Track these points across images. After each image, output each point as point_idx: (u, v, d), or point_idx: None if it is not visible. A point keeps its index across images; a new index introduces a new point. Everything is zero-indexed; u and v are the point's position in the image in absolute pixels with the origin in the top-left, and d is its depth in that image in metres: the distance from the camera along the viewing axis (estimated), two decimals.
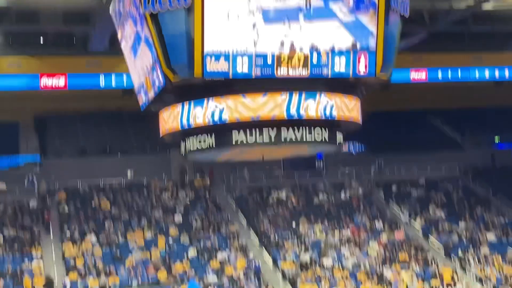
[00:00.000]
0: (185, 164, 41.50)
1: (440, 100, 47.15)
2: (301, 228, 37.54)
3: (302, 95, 19.19)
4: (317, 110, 19.30)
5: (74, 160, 41.62)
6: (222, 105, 19.17)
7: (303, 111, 19.16)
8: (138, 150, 43.48)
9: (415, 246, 36.62)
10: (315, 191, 42.16)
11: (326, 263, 34.25)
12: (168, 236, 35.66)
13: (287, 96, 19.10)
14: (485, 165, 45.87)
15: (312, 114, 19.27)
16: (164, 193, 39.96)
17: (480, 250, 36.37)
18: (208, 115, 19.27)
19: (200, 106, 19.42)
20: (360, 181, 43.77)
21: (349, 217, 39.30)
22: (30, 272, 31.90)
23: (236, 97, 19.15)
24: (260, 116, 19.09)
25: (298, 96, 19.16)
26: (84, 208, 37.89)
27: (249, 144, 19.72)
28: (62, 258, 33.78)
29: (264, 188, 41.83)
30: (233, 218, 38.75)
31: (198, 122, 19.46)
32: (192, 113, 19.53)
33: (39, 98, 39.99)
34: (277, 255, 34.83)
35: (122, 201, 38.79)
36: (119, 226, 36.26)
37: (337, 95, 19.77)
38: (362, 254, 35.31)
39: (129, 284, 31.71)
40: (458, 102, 47.55)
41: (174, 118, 20.19)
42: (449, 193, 42.99)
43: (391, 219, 39.77)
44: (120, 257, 33.63)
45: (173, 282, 31.77)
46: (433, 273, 33.70)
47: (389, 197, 42.28)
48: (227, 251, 34.71)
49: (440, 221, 39.39)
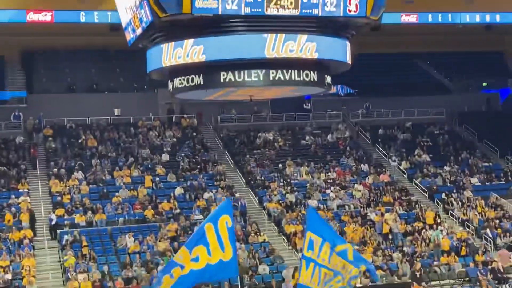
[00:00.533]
0: (173, 103, 41.41)
1: (429, 43, 46.99)
2: (287, 169, 37.79)
3: (285, 36, 19.01)
4: (298, 51, 19.13)
5: (60, 96, 41.34)
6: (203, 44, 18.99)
7: (284, 52, 18.99)
8: (125, 88, 43.26)
9: (399, 189, 37.03)
10: (302, 132, 42.31)
11: (311, 204, 34.60)
12: (155, 175, 35.81)
13: (270, 36, 18.92)
14: (472, 110, 46.07)
15: (293, 54, 19.12)
16: (151, 131, 39.95)
17: (463, 194, 36.83)
18: (189, 54, 19.13)
19: (180, 46, 19.26)
20: (347, 124, 43.97)
21: (335, 159, 39.57)
22: (17, 207, 32.02)
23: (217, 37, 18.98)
24: (241, 56, 18.95)
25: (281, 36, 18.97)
26: (71, 145, 37.89)
27: (237, 83, 19.64)
28: (49, 194, 33.92)
29: (251, 129, 41.92)
30: (220, 158, 38.91)
31: (180, 60, 19.34)
32: (174, 52, 19.39)
33: (25, 33, 39.45)
34: (263, 196, 35.14)
35: (109, 139, 38.77)
36: (106, 164, 36.33)
37: (322, 36, 19.60)
38: (347, 196, 35.68)
39: (116, 221, 31.95)
40: (447, 46, 47.42)
41: (156, 56, 20.08)
42: (435, 137, 43.27)
43: (377, 162, 40.08)
44: (107, 195, 33.79)
45: (160, 220, 32.03)
46: (417, 216, 34.17)
47: (375, 140, 42.52)
48: (214, 190, 34.94)
49: (425, 165, 39.75)
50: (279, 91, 22.43)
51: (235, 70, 19.52)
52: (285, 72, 19.73)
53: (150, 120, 40.91)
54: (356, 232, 32.00)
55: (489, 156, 42.03)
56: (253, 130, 41.76)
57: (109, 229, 31.38)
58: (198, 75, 19.87)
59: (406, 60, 48.72)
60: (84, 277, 26.93)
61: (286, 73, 19.76)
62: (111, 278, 27.26)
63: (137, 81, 42.52)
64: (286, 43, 19.01)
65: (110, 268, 28.15)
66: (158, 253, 29.27)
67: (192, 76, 19.97)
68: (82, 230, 30.57)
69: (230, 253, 13.43)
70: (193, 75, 19.97)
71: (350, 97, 46.21)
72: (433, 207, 35.76)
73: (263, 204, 34.58)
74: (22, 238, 29.77)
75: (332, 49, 19.95)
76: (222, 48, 18.98)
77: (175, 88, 20.66)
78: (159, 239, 30.32)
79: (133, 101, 41.52)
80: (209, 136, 41.27)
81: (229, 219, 13.48)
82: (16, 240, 29.78)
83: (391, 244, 31.72)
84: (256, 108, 42.55)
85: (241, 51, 18.98)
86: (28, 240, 29.66)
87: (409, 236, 32.30)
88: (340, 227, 32.43)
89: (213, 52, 19.02)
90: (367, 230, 32.33)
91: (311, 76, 20.08)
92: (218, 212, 13.86)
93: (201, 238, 13.36)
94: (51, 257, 29.71)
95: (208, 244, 13.30)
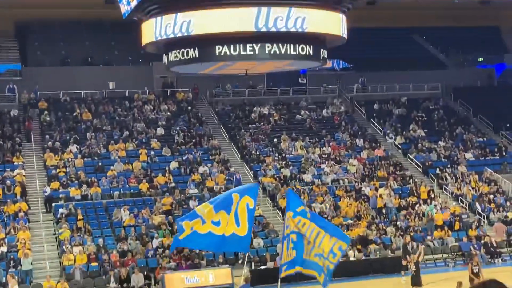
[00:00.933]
0: (168, 77, 41.28)
1: (425, 18, 46.82)
2: (282, 144, 37.83)
3: (275, 9, 18.93)
4: (287, 24, 19.06)
5: (55, 69, 41.15)
6: (193, 18, 18.92)
7: (273, 25, 18.92)
8: (120, 61, 43.08)
9: (394, 163, 37.13)
10: (297, 107, 42.28)
11: (306, 178, 34.70)
12: (150, 149, 35.81)
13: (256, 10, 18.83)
14: (467, 85, 46.05)
15: (282, 28, 19.05)
16: (146, 105, 39.87)
17: (457, 169, 36.96)
18: (180, 28, 19.08)
19: (171, 19, 19.21)
20: (343, 99, 43.92)
21: (330, 134, 39.60)
22: (12, 181, 32.01)
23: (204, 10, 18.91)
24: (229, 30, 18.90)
25: (271, 9, 18.89)
26: (65, 118, 37.81)
27: (232, 57, 19.61)
28: (44, 168, 33.92)
29: (246, 103, 41.86)
30: (215, 132, 38.91)
31: (170, 34, 19.31)
32: (166, 25, 19.34)
33: (19, 4, 39.15)
34: (258, 170, 35.21)
35: (103, 112, 38.69)
36: (101, 137, 36.29)
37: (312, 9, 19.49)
38: (342, 171, 35.78)
39: (111, 195, 32.01)
40: (444, 21, 47.25)
41: (150, 29, 20.04)
42: (430, 112, 43.30)
43: (372, 136, 40.12)
44: (102, 168, 33.81)
45: (155, 193, 32.10)
46: (411, 190, 34.31)
47: (370, 115, 42.52)
48: (209, 165, 34.98)
49: (420, 140, 39.83)
50: (274, 65, 22.43)
51: (230, 43, 19.49)
52: (281, 46, 19.70)
53: (145, 94, 40.80)
54: (350, 207, 32.14)
55: (484, 131, 42.10)
56: (248, 104, 41.71)
57: (104, 202, 31.45)
58: (193, 48, 19.85)
59: (402, 35, 48.56)
60: (80, 250, 27.04)
61: (282, 47, 19.74)
62: (106, 251, 27.39)
63: (132, 54, 42.32)
64: (276, 17, 18.93)
65: (105, 241, 28.28)
66: (153, 227, 29.39)
67: (187, 50, 19.95)
68: (77, 204, 30.63)
69: (245, 230, 13.94)
70: (188, 49, 19.95)
71: (346, 72, 46.12)
72: (427, 182, 35.90)
73: (258, 178, 34.65)
74: (17, 211, 29.82)
75: (324, 22, 19.89)
76: (212, 22, 18.93)
77: (170, 61, 20.64)
78: (154, 212, 30.42)
79: (128, 75, 41.35)
80: (204, 110, 41.20)
81: (252, 202, 14.03)
82: (11, 213, 29.83)
83: (385, 219, 31.89)
84: (251, 83, 42.45)
85: (230, 25, 18.93)
86: (23, 213, 29.70)
87: (403, 211, 32.46)
88: (335, 201, 32.55)
89: (203, 26, 18.97)
90: (361, 205, 32.47)
91: (306, 50, 20.07)
92: (243, 191, 14.36)
93: (227, 206, 13.80)
94: (46, 230, 29.79)
95: (229, 214, 13.74)
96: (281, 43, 19.63)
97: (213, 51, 19.65)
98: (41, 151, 35.14)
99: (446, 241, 30.39)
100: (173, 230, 29.03)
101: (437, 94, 45.20)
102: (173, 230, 28.97)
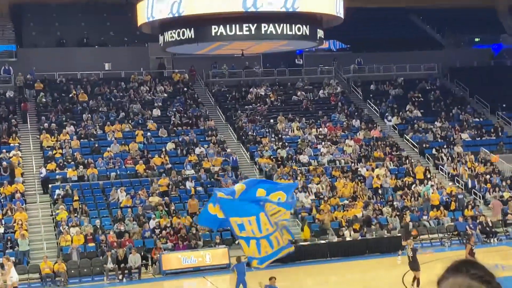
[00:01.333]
0: (164, 58, 41.16)
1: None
2: (278, 125, 37.82)
3: None
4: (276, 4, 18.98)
5: (51, 50, 41.00)
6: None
7: (261, 5, 18.84)
8: (116, 42, 42.91)
9: (390, 144, 37.16)
10: (293, 88, 42.22)
11: (302, 159, 34.74)
12: (146, 130, 35.78)
13: None
14: (464, 65, 46.01)
15: (270, 8, 18.96)
16: (142, 86, 39.78)
17: (453, 149, 37.02)
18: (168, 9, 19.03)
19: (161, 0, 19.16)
20: (339, 79, 43.86)
21: (326, 115, 39.60)
22: (8, 162, 31.98)
23: None
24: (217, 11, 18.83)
25: None
26: (61, 99, 37.73)
27: (228, 37, 19.56)
28: (40, 149, 33.90)
29: (243, 84, 41.79)
30: (211, 113, 38.87)
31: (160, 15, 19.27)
32: (155, 6, 19.30)
33: None
34: (254, 151, 35.23)
35: (100, 93, 38.61)
36: (97, 118, 36.25)
37: None
38: (338, 151, 35.81)
39: (108, 176, 32.03)
40: (440, 1, 47.11)
41: (143, 10, 19.99)
42: (427, 93, 43.28)
43: (368, 117, 40.12)
44: (98, 149, 33.80)
45: (151, 174, 32.12)
46: (407, 171, 34.38)
47: (367, 95, 42.49)
48: (205, 146, 34.99)
49: (416, 120, 39.84)
50: (270, 46, 22.37)
51: (226, 24, 19.43)
52: (277, 26, 19.64)
53: (141, 75, 40.70)
54: (346, 187, 32.21)
55: (480, 112, 42.11)
56: (245, 85, 41.65)
57: (101, 183, 31.46)
58: (189, 28, 19.79)
59: (399, 15, 48.43)
60: (77, 230, 27.09)
61: (278, 27, 19.67)
62: (103, 231, 27.45)
63: (127, 35, 42.16)
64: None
65: (102, 222, 28.33)
66: (150, 207, 29.43)
67: (183, 30, 19.89)
68: (73, 185, 30.63)
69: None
70: (184, 29, 19.89)
71: (342, 52, 46.00)
72: (423, 162, 35.96)
73: (255, 160, 34.69)
74: (14, 192, 29.83)
75: (317, 1, 19.81)
76: (200, 2, 18.87)
77: (166, 42, 20.60)
78: (150, 193, 30.45)
79: (124, 56, 41.24)
80: (200, 91, 41.13)
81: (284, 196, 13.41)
82: (8, 194, 29.84)
83: (381, 199, 31.98)
84: (247, 63, 42.34)
85: (218, 5, 18.86)
86: (19, 194, 29.72)
87: (399, 191, 32.55)
88: (331, 182, 32.62)
89: (193, 7, 18.91)
90: (358, 185, 32.54)
91: (303, 30, 20.01)
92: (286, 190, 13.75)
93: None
94: (43, 211, 29.82)
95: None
96: (277, 23, 19.57)
97: (209, 31, 19.59)
98: (37, 132, 35.09)
99: (442, 221, 30.51)
100: (170, 211, 29.12)
101: (433, 74, 45.16)
102: (169, 211, 29.06)
